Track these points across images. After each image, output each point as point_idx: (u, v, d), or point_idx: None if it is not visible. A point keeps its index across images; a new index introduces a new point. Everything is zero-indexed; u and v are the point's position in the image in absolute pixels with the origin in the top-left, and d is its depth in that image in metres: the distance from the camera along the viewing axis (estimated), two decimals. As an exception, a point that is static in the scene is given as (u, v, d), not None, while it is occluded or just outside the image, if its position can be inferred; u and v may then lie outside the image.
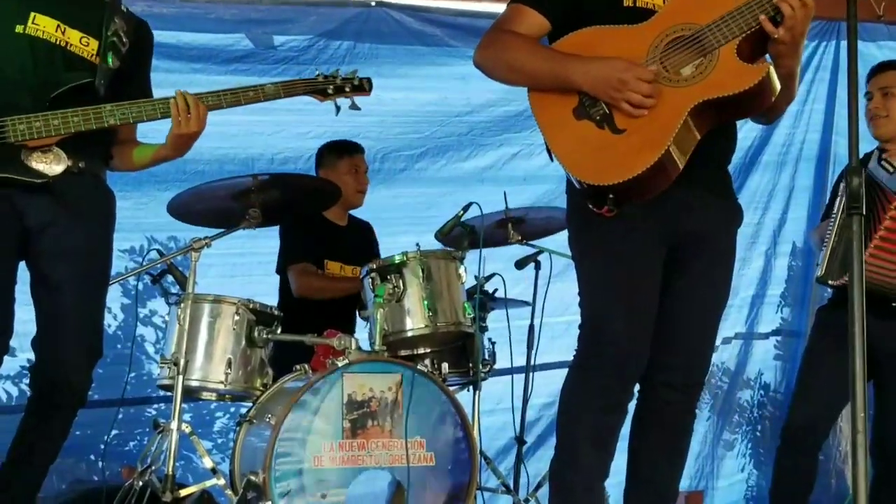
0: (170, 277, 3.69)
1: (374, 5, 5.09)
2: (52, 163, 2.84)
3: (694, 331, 2.83)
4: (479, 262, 3.97)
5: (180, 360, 3.42)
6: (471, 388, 3.94)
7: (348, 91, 3.16)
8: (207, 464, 3.49)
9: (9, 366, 4.18)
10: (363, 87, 3.19)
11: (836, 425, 5.25)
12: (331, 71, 3.19)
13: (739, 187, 5.47)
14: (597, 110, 2.63)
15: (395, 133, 5.22)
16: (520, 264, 4.46)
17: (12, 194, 2.85)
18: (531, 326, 4.38)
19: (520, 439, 4.33)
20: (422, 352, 3.89)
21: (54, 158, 2.84)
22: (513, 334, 4.06)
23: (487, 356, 4.03)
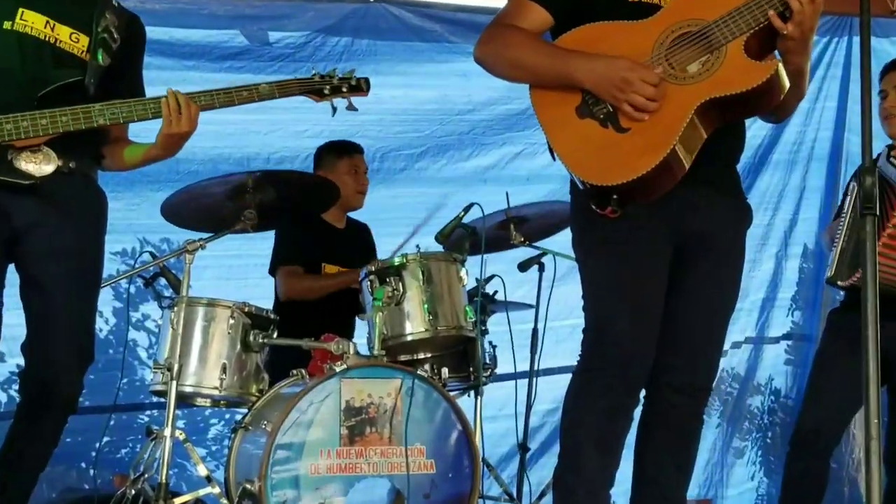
0: (163, 280, 3.70)
1: (372, 1, 5.09)
2: (42, 163, 2.84)
3: (699, 332, 2.82)
4: (481, 264, 3.97)
5: (174, 365, 3.41)
6: (472, 393, 3.94)
7: (345, 91, 3.15)
8: (202, 472, 3.48)
9: (-2, 371, 4.20)
10: (361, 87, 3.18)
11: (849, 432, 5.26)
12: (328, 70, 3.18)
13: (749, 187, 5.47)
14: (600, 108, 2.63)
15: (395, 132, 5.23)
16: (523, 266, 4.46)
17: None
18: (535, 330, 4.38)
19: (523, 446, 4.33)
20: (422, 356, 3.89)
21: (44, 158, 2.84)
22: (514, 338, 4.06)
23: (488, 360, 4.03)
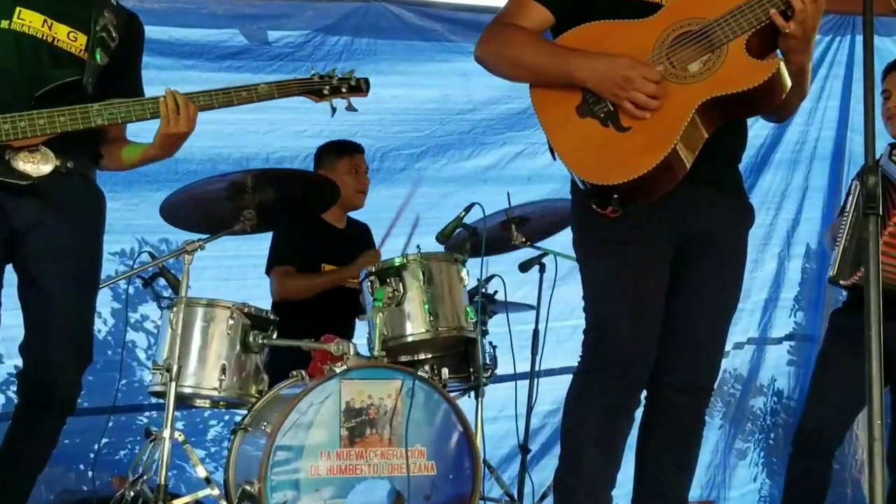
0: (162, 281, 3.70)
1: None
2: (40, 163, 2.84)
3: (701, 331, 2.83)
4: (482, 264, 3.98)
5: (173, 366, 3.41)
6: (473, 394, 3.95)
7: (345, 92, 3.15)
8: (201, 473, 3.49)
9: (-4, 372, 4.21)
10: (360, 87, 3.18)
11: (851, 433, 5.26)
12: (327, 70, 3.19)
13: (751, 187, 5.48)
14: (601, 108, 2.64)
15: (395, 131, 5.23)
16: (524, 267, 4.46)
17: (-3, 196, 2.86)
18: (535, 331, 4.39)
19: (524, 447, 4.33)
20: (422, 357, 3.90)
21: (41, 158, 2.85)
22: (514, 339, 4.07)
23: (489, 361, 4.03)
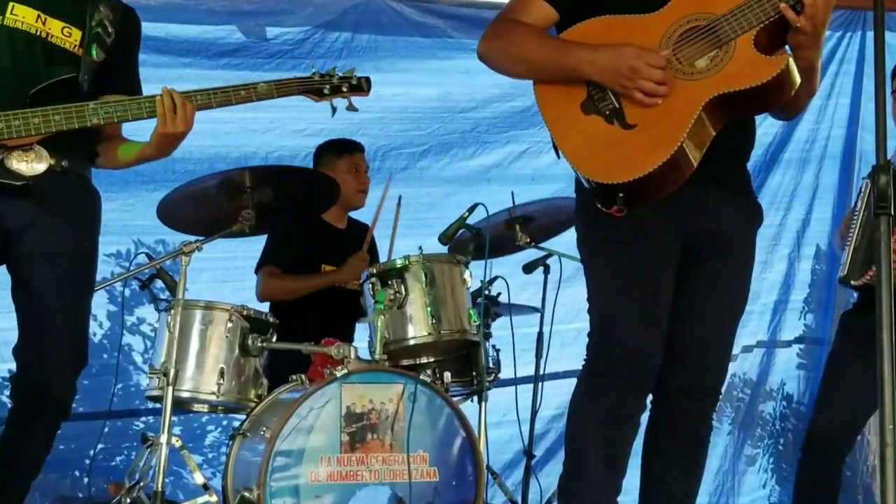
0: (159, 283, 3.70)
1: (372, -4, 5.11)
2: (34, 162, 2.84)
3: (708, 334, 2.82)
4: (485, 265, 3.98)
5: (170, 369, 3.42)
6: (476, 398, 3.95)
7: (345, 91, 3.16)
8: (199, 479, 3.50)
9: (-12, 376, 4.21)
10: (361, 87, 3.18)
11: (863, 438, 5.26)
12: (327, 69, 3.19)
13: (760, 186, 5.48)
14: (606, 104, 2.64)
15: (396, 130, 5.24)
16: (528, 268, 4.46)
17: (-10, 196, 2.86)
18: (540, 333, 4.39)
19: (528, 453, 4.33)
20: (424, 361, 3.89)
21: (35, 157, 2.85)
22: (518, 342, 4.07)
23: (492, 364, 4.03)
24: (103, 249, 3.17)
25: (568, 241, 3.84)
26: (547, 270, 4.44)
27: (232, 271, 4.87)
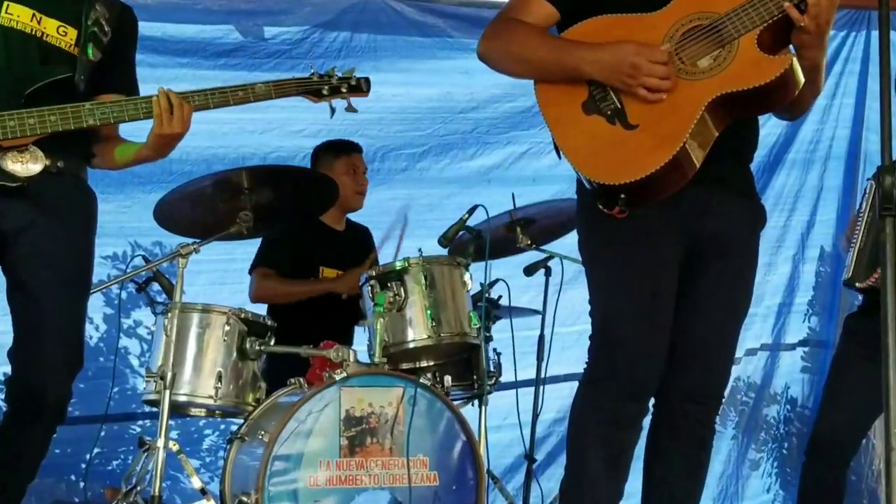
0: (156, 285, 3.71)
1: (371, -5, 5.11)
2: (29, 162, 2.84)
3: (711, 337, 2.82)
4: (486, 267, 3.98)
5: (167, 373, 3.42)
6: (476, 402, 3.95)
7: (345, 92, 3.15)
8: (196, 484, 3.50)
9: (-16, 379, 4.20)
10: (361, 87, 3.18)
11: (868, 442, 5.25)
12: (326, 69, 3.19)
13: (764, 187, 5.47)
14: (608, 104, 2.64)
15: (395, 131, 5.23)
16: (529, 270, 4.46)
17: (-15, 198, 2.86)
18: (541, 336, 4.38)
19: (529, 457, 4.33)
20: (424, 364, 3.89)
21: (31, 158, 2.84)
22: (519, 345, 4.07)
23: (493, 368, 4.03)
24: (99, 251, 3.17)
25: (569, 243, 3.84)
26: (548, 273, 4.43)
27: (230, 274, 4.87)
